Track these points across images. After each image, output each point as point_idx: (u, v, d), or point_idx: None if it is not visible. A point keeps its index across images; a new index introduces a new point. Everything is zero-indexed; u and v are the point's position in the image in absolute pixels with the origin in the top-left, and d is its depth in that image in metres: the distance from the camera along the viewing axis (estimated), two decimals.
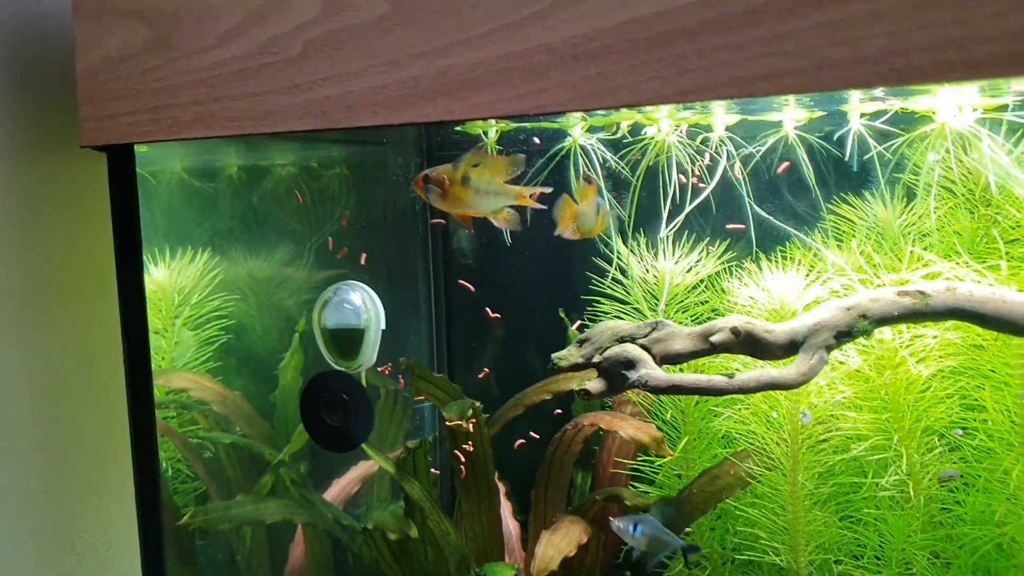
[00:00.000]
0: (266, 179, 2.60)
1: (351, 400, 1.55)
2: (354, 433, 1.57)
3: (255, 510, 2.14)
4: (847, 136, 1.96)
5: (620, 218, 2.07)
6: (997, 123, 1.88)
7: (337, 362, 1.58)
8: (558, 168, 2.00)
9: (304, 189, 2.60)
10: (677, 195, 1.97)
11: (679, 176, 1.99)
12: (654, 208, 2.07)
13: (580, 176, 1.83)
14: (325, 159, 2.62)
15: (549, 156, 1.98)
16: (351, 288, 1.58)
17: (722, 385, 1.77)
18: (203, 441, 2.42)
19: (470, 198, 1.66)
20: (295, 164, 2.61)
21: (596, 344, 1.91)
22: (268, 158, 2.57)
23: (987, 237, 1.96)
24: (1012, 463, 1.89)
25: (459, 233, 2.65)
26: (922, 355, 1.92)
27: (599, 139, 2.00)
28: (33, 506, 1.79)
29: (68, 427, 1.83)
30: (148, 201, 2.37)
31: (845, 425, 1.98)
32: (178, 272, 2.54)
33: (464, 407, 2.06)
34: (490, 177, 1.64)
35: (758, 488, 2.06)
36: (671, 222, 2.01)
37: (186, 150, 2.36)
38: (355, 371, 1.58)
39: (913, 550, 1.98)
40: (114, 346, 1.82)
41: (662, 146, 1.99)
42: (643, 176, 2.02)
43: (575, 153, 1.98)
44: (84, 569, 1.87)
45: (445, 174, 1.62)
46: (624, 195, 2.06)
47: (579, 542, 1.97)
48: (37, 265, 1.80)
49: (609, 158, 1.97)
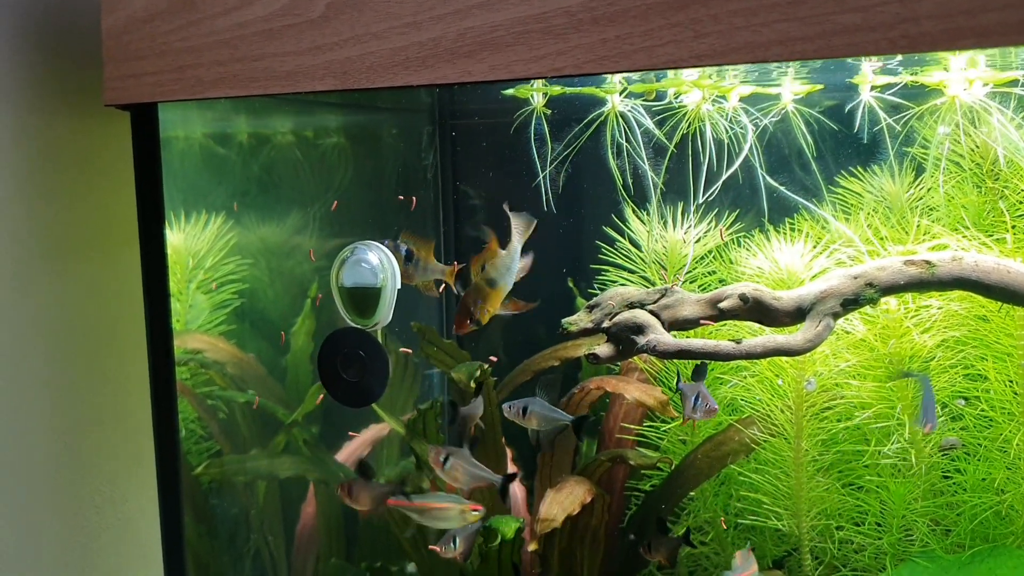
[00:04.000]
0: (277, 146, 2.62)
1: (367, 357, 1.59)
2: (370, 389, 1.61)
3: (269, 464, 2.19)
4: (857, 109, 1.98)
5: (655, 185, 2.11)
6: (1007, 97, 1.90)
7: (354, 320, 1.62)
8: (594, 135, 2.02)
9: (314, 156, 2.63)
10: (714, 163, 1.99)
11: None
12: (683, 176, 2.09)
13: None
14: (336, 127, 2.64)
15: (586, 123, 2.01)
16: (368, 247, 1.62)
17: (729, 350, 1.81)
18: (217, 401, 2.46)
19: (502, 295, 1.79)
20: (306, 131, 2.63)
21: (606, 310, 1.95)
22: (283, 125, 2.60)
23: (994, 211, 1.98)
24: (1013, 432, 1.93)
25: (469, 203, 2.68)
26: (927, 326, 1.95)
27: (640, 104, 2.02)
28: (53, 458, 1.83)
29: (87, 380, 1.87)
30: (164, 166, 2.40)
31: (849, 393, 2.01)
32: (193, 236, 2.57)
33: (472, 368, 2.10)
34: (498, 264, 1.75)
35: (762, 454, 2.10)
36: (707, 189, 2.03)
37: (203, 115, 2.39)
38: (371, 329, 1.62)
39: (913, 517, 2.02)
40: (133, 301, 1.85)
41: (696, 114, 2.01)
42: (678, 143, 2.04)
43: (611, 120, 2.00)
44: (103, 521, 1.91)
45: (472, 298, 1.73)
46: (661, 163, 2.08)
47: (583, 501, 2.02)
48: (59, 220, 1.83)
49: (648, 124, 1.99)
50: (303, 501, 2.43)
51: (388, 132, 2.69)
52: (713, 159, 2.02)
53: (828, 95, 2.03)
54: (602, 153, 2.04)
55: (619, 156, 2.05)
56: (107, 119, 1.87)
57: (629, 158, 2.05)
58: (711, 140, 2.01)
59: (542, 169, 2.10)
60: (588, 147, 2.06)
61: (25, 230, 1.78)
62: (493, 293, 1.75)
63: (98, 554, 1.90)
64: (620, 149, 2.05)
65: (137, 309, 1.86)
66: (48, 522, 1.83)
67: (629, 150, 2.04)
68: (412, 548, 2.24)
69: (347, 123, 2.66)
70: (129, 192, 1.81)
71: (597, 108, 2.03)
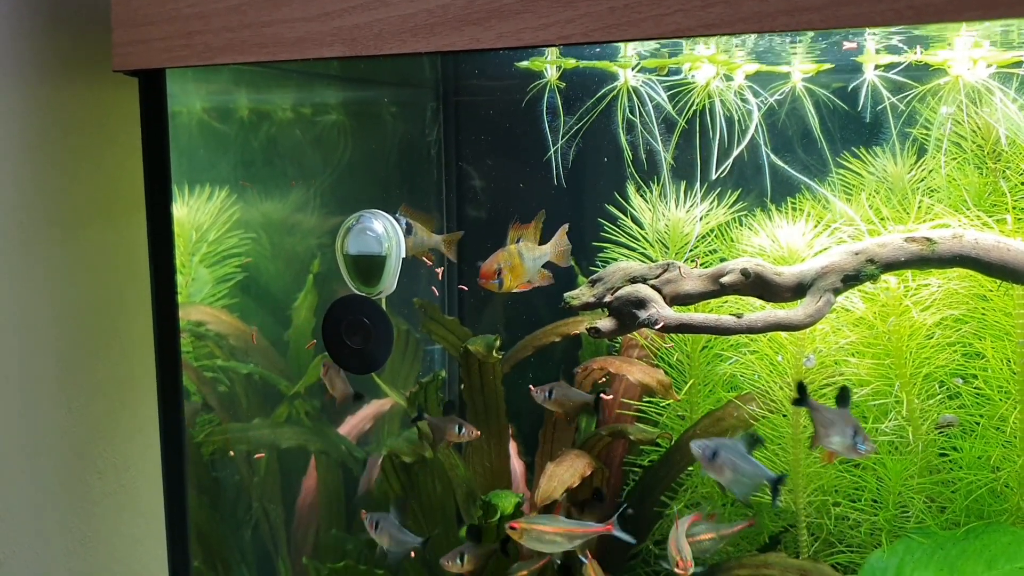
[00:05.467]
0: (279, 121, 2.63)
1: (372, 324, 1.60)
2: (373, 356, 1.62)
3: (271, 434, 2.21)
4: (861, 88, 1.99)
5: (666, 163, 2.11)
6: (1010, 78, 1.91)
7: (359, 288, 1.63)
8: (606, 110, 2.03)
9: (315, 132, 2.64)
10: (725, 140, 2.00)
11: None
12: (690, 155, 2.10)
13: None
14: (340, 101, 2.65)
15: (598, 97, 2.01)
16: (374, 216, 1.63)
17: (730, 324, 1.83)
18: (218, 374, 2.48)
19: (526, 273, 1.80)
20: (308, 106, 2.64)
21: (608, 284, 1.96)
22: (286, 100, 2.60)
23: (995, 192, 2.00)
24: (1009, 410, 1.95)
25: (473, 179, 2.69)
26: (927, 304, 1.97)
27: (652, 79, 2.02)
28: (57, 423, 1.84)
29: (91, 346, 1.88)
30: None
31: (847, 371, 2.03)
32: (196, 209, 2.58)
33: (490, 340, 2.12)
34: (530, 244, 1.76)
35: (760, 430, 2.11)
36: (714, 168, 2.04)
37: (207, 87, 2.40)
38: (376, 297, 1.63)
39: (910, 494, 2.04)
40: (139, 268, 1.86)
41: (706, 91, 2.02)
42: (688, 119, 2.05)
43: (623, 95, 2.01)
44: (106, 487, 1.93)
45: (504, 258, 1.73)
46: (670, 140, 2.09)
47: (583, 474, 2.03)
48: (66, 186, 1.84)
49: (660, 99, 1.99)
50: (303, 474, 2.45)
51: (391, 107, 2.70)
52: (724, 136, 2.03)
53: (834, 76, 2.04)
54: (613, 129, 2.04)
55: (630, 132, 2.06)
56: (115, 86, 1.88)
57: (640, 135, 2.06)
58: (721, 117, 2.02)
59: (553, 144, 2.11)
60: (597, 124, 2.07)
61: (32, 197, 1.79)
62: (519, 267, 1.76)
63: (100, 519, 1.91)
64: (631, 125, 2.05)
65: (142, 277, 1.87)
66: (51, 486, 1.85)
67: (640, 127, 2.05)
68: (412, 521, 2.25)
69: (350, 98, 2.66)
70: (136, 160, 1.82)
71: (609, 83, 2.03)
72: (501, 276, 1.70)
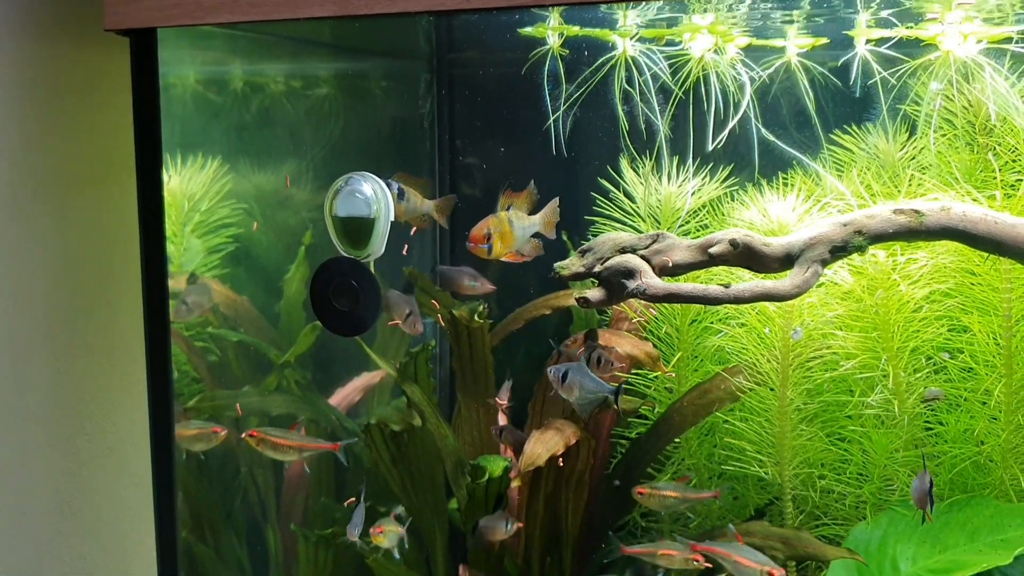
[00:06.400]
0: (274, 92, 2.62)
1: (360, 286, 1.60)
2: (361, 319, 1.62)
3: (261, 402, 2.21)
4: (852, 62, 1.99)
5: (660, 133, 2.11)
6: (1001, 54, 1.91)
7: (347, 251, 1.63)
8: (603, 80, 2.02)
9: (310, 102, 2.64)
10: (720, 112, 2.00)
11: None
12: (685, 127, 2.10)
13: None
14: (332, 72, 2.64)
15: (596, 67, 2.01)
16: (363, 178, 1.62)
17: (718, 294, 1.83)
18: (209, 344, 2.48)
19: (515, 241, 1.79)
20: (300, 77, 2.63)
21: (598, 254, 1.96)
22: (278, 69, 2.60)
23: (985, 168, 2.00)
24: (994, 384, 1.96)
25: (467, 151, 2.69)
26: (915, 278, 1.98)
27: (652, 48, 2.01)
28: (45, 384, 1.85)
29: (80, 308, 1.88)
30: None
31: (835, 343, 2.04)
32: (188, 179, 2.58)
33: (474, 306, 2.12)
34: (520, 213, 1.76)
35: (747, 403, 2.13)
36: (714, 139, 2.04)
37: (200, 56, 2.39)
38: (364, 260, 1.63)
39: (895, 467, 2.05)
40: (128, 231, 1.86)
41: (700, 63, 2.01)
42: (680, 92, 2.04)
43: (620, 65, 2.00)
44: (93, 448, 1.93)
45: (494, 224, 1.72)
46: (666, 111, 2.08)
47: (568, 442, 2.04)
48: (56, 148, 1.84)
49: (658, 70, 1.98)
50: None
51: (384, 79, 2.70)
52: (720, 109, 2.03)
53: (827, 52, 2.04)
54: (611, 99, 2.04)
55: (626, 103, 2.05)
56: (107, 48, 1.87)
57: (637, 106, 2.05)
58: (716, 89, 2.01)
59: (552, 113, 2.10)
60: (592, 96, 2.06)
61: (23, 157, 1.79)
62: (509, 234, 1.76)
63: (87, 480, 1.92)
64: (627, 96, 2.05)
65: (132, 240, 1.87)
66: (40, 447, 1.85)
67: (636, 98, 2.04)
68: (401, 491, 2.26)
69: (343, 70, 2.66)
70: (128, 123, 1.82)
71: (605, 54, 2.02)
72: (490, 241, 1.70)
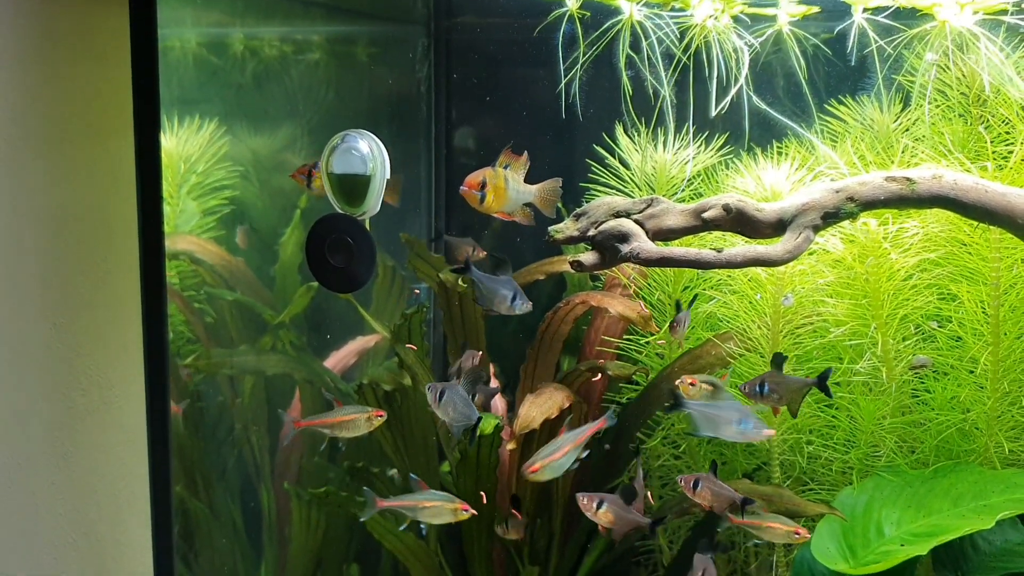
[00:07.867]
0: (271, 55, 2.62)
1: (355, 243, 1.62)
2: (356, 275, 1.64)
3: (256, 361, 2.23)
4: (848, 31, 2.00)
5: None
6: (996, 25, 1.92)
7: (342, 208, 1.65)
8: (608, 46, 2.02)
9: (305, 67, 2.64)
10: (723, 79, 1.99)
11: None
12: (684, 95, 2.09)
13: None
14: (329, 35, 2.64)
15: (603, 30, 2.00)
16: (359, 136, 1.63)
17: (710, 258, 1.84)
18: (204, 305, 2.50)
19: (507, 200, 1.78)
20: (297, 40, 2.63)
21: (592, 218, 1.97)
22: (275, 32, 2.60)
23: (978, 139, 2.02)
24: (981, 352, 1.98)
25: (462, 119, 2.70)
26: (906, 246, 1.99)
27: (661, 11, 2.00)
28: (42, 338, 1.86)
29: (77, 263, 1.89)
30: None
31: (825, 310, 2.06)
32: (185, 140, 2.58)
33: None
34: (518, 184, 1.76)
35: (738, 369, 2.15)
36: (717, 104, 2.03)
37: (201, 17, 2.39)
38: (360, 217, 1.64)
39: (883, 433, 2.08)
40: (125, 186, 1.87)
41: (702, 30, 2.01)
42: (681, 60, 2.03)
43: (624, 32, 1.99)
44: (89, 403, 1.95)
45: (490, 176, 1.72)
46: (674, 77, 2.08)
47: (561, 407, 2.07)
48: (53, 102, 1.84)
49: (663, 35, 1.97)
50: (287, 404, 2.48)
51: (381, 43, 2.69)
52: (723, 76, 2.02)
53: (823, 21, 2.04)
54: (615, 62, 2.02)
55: (630, 69, 2.04)
56: (107, 5, 1.87)
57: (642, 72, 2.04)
58: (719, 57, 2.01)
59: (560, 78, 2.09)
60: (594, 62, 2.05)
61: (20, 113, 1.79)
62: (503, 190, 1.76)
63: (83, 435, 1.94)
64: (631, 62, 2.04)
65: (129, 197, 1.88)
66: (36, 402, 1.87)
67: (639, 64, 2.03)
68: (394, 453, 2.29)
69: (340, 33, 2.66)
70: (126, 80, 1.82)
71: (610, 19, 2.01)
72: (484, 191, 1.71)
